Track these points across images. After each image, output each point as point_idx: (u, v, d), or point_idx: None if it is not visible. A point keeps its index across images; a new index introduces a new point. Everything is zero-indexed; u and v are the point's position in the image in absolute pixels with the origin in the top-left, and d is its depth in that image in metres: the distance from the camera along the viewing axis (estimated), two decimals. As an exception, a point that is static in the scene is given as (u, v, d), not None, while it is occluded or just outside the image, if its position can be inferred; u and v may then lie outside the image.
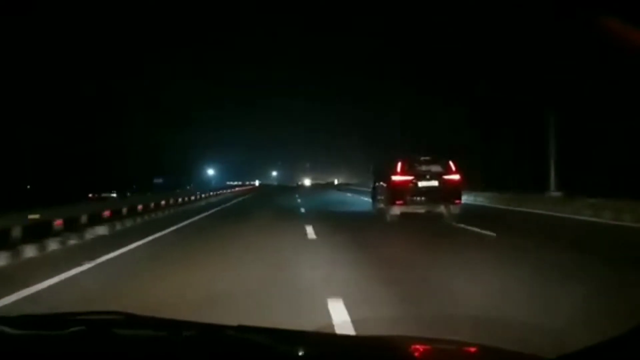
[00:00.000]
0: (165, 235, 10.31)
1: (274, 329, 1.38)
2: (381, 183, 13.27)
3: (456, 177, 11.90)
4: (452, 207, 11.67)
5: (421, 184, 11.73)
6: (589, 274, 5.22)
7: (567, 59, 18.60)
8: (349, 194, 33.49)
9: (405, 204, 11.63)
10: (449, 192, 11.58)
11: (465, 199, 13.76)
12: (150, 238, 9.42)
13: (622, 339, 1.00)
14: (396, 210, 11.76)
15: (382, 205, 13.22)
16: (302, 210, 17.80)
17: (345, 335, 1.62)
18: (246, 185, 74.58)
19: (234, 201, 26.62)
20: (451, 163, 11.99)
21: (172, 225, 12.03)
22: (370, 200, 16.08)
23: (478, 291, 4.51)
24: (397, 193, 11.71)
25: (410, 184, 11.68)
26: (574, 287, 4.56)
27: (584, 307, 3.82)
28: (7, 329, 1.37)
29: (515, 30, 21.80)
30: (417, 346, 1.44)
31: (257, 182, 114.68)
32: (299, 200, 25.34)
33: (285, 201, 25.12)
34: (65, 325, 1.42)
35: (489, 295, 4.34)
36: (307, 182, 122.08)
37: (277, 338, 1.29)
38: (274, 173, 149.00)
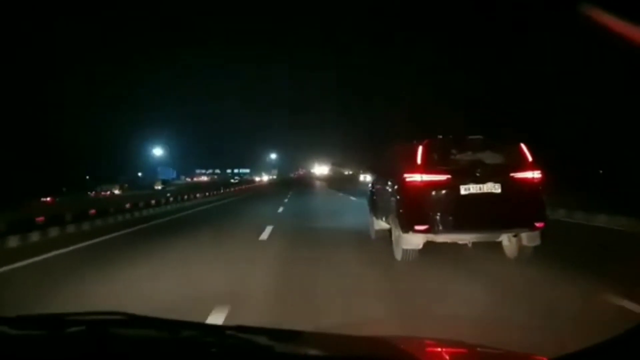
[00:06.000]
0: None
1: (274, 329, 1.41)
2: (387, 186, 8.08)
3: (535, 174, 6.70)
4: (526, 235, 6.66)
5: (466, 188, 6.49)
6: None
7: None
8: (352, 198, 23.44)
9: (432, 229, 6.48)
10: (521, 206, 6.53)
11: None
12: None
13: (621, 339, 1.01)
14: (415, 239, 6.72)
15: (383, 225, 8.58)
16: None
17: (345, 335, 1.63)
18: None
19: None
20: (523, 147, 6.87)
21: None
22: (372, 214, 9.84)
23: None
24: (417, 208, 6.62)
25: (445, 190, 6.58)
26: None
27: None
28: (6, 329, 1.38)
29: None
30: (417, 346, 1.46)
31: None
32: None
33: None
34: (65, 325, 1.44)
35: None
36: (318, 170, 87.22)
37: (276, 338, 1.31)
38: (273, 156, 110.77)
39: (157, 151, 47.04)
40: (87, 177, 45.07)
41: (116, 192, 37.69)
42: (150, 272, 7.16)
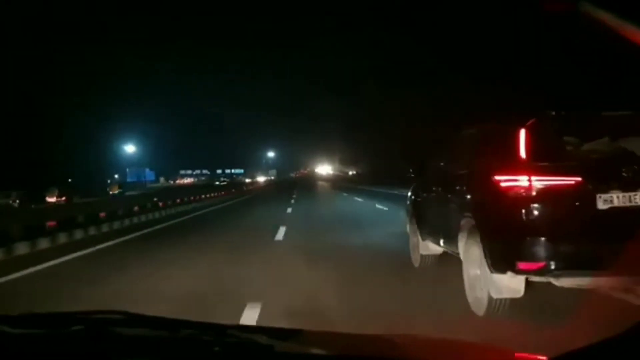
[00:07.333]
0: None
1: (274, 329, 1.41)
2: (451, 194, 5.48)
3: None
4: None
5: (607, 199, 3.90)
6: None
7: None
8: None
9: (547, 267, 3.87)
10: None
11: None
12: None
13: (621, 338, 1.01)
14: (515, 284, 4.11)
15: (434, 249, 6.32)
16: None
17: (347, 333, 1.64)
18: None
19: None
20: None
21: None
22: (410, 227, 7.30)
23: None
24: (522, 232, 4.02)
25: (570, 202, 4.00)
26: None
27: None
28: (7, 329, 1.39)
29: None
30: (419, 344, 1.46)
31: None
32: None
33: None
34: (65, 325, 1.45)
35: None
36: (323, 170, 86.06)
37: (277, 337, 1.32)
38: (270, 154, 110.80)
39: (130, 148, 38.43)
40: (70, 179, 41.93)
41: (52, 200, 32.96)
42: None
